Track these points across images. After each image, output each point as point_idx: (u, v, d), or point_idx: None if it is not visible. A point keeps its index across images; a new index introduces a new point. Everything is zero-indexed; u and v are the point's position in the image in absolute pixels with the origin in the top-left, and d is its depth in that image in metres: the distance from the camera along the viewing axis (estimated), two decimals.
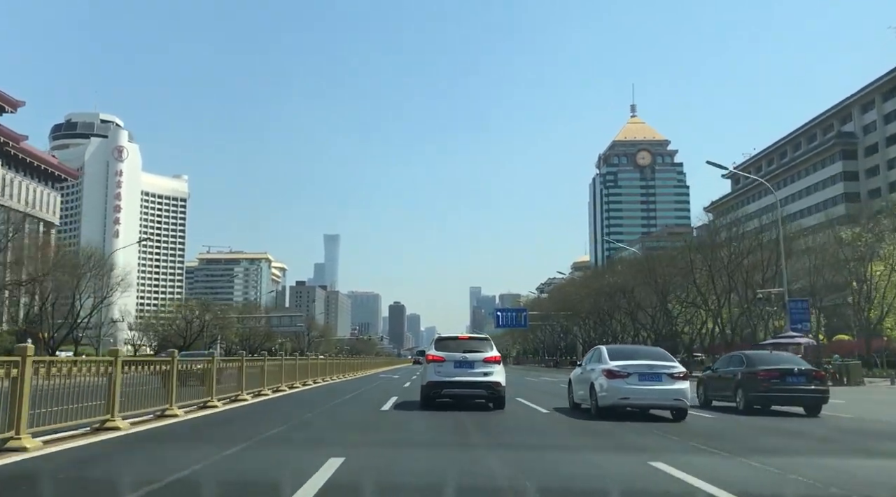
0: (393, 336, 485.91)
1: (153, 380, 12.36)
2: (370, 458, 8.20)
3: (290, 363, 25.47)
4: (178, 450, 8.81)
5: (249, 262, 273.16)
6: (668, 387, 13.44)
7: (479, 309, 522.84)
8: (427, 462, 8.12)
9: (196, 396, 14.81)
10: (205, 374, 15.38)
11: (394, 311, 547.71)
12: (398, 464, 7.96)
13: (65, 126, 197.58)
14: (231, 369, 17.76)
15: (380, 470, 7.36)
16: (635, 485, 6.63)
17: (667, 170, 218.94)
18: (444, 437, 10.49)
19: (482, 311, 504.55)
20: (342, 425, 12.53)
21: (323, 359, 34.89)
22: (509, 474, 7.04)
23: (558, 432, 11.65)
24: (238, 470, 7.18)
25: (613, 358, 14.10)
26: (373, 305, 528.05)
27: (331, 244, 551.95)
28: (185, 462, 7.25)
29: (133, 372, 11.30)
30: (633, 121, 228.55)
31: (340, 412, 15.31)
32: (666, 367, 13.77)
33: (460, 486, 6.55)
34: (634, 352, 15.20)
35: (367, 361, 61.95)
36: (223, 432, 10.91)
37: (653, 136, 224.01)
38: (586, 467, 7.69)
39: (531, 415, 14.89)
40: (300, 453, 8.74)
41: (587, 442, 10.18)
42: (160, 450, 8.84)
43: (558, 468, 7.64)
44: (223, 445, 8.69)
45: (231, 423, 12.26)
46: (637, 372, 13.54)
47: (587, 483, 6.64)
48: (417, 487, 6.51)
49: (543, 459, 8.45)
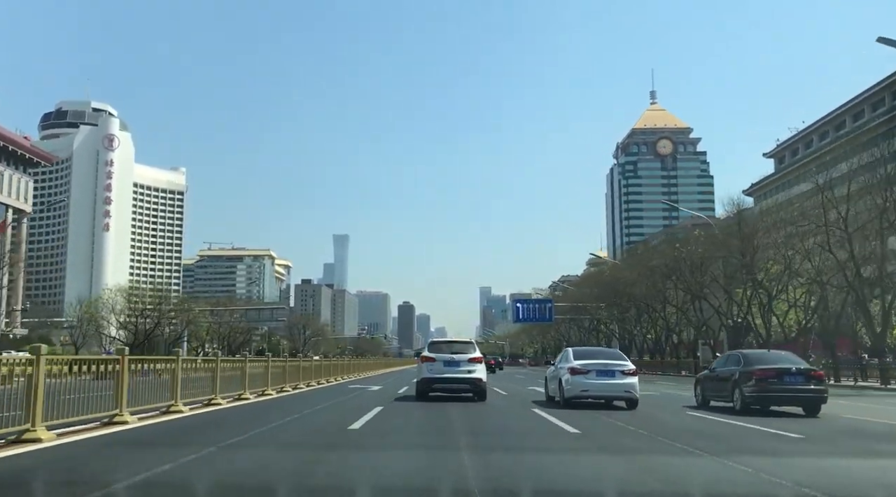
0: (402, 336, 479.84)
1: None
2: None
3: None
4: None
5: (253, 258, 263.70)
6: (620, 381, 16.63)
7: (489, 309, 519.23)
8: None
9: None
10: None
11: (403, 312, 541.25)
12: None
13: (54, 114, 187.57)
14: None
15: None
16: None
17: (689, 159, 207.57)
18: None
19: (492, 310, 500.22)
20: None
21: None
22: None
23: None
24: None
25: (577, 358, 17.20)
26: (381, 305, 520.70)
27: (340, 244, 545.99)
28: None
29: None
30: (652, 108, 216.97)
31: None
32: (619, 365, 16.97)
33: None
34: (595, 353, 18.57)
35: (361, 363, 52.72)
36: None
37: (674, 123, 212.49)
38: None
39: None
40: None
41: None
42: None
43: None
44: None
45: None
46: (595, 369, 16.67)
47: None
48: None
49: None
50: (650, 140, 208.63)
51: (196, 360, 16.95)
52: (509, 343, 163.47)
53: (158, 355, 14.88)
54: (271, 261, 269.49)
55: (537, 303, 68.52)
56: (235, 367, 18.62)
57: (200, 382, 15.68)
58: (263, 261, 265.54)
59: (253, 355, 41.10)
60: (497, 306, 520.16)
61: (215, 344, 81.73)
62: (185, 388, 14.35)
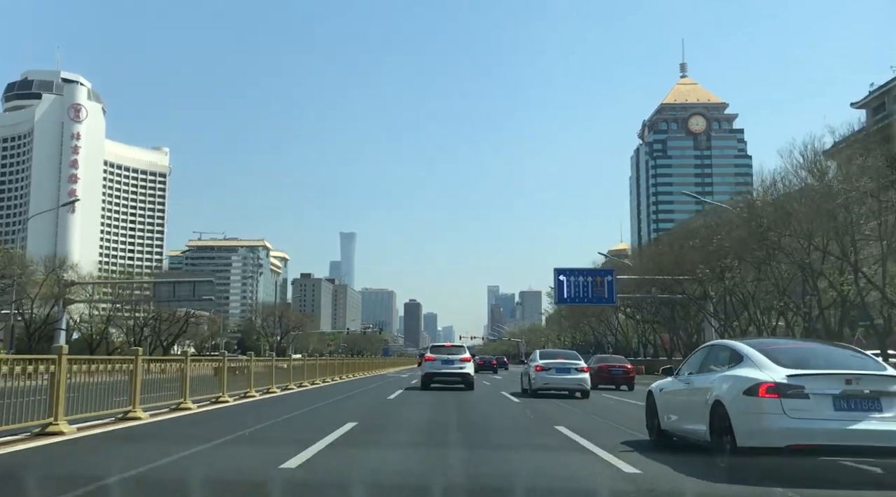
0: (408, 335, 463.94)
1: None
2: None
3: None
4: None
5: (248, 249, 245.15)
6: (574, 376, 21.26)
7: (497, 307, 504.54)
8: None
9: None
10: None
11: (409, 310, 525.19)
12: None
13: (19, 85, 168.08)
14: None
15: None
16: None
17: (725, 137, 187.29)
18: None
19: (500, 309, 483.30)
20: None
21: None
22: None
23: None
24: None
25: (542, 358, 22.41)
26: (387, 303, 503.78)
27: (347, 242, 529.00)
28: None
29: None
30: (683, 82, 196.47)
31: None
32: (574, 364, 21.67)
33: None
34: (556, 354, 23.60)
35: (337, 364, 37.48)
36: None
37: (707, 98, 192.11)
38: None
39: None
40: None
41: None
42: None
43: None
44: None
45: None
46: (555, 367, 21.51)
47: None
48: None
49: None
50: (681, 116, 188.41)
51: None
52: (525, 341, 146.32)
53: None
54: (266, 252, 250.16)
55: (591, 274, 45.72)
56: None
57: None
58: (259, 252, 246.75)
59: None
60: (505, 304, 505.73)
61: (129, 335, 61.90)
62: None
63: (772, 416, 6.99)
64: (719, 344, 9.60)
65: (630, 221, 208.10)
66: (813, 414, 6.92)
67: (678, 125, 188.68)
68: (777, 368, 7.36)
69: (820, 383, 7.05)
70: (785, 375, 7.17)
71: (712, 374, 8.49)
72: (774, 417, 6.98)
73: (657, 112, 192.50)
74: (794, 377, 7.11)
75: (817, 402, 6.96)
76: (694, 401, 8.56)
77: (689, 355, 10.16)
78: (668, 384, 9.92)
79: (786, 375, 7.17)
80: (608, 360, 30.51)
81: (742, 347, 8.36)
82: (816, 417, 6.90)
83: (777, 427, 6.93)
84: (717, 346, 9.41)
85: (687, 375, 9.35)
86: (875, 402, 6.96)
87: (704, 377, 8.67)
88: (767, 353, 7.81)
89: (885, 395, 7.00)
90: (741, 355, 8.15)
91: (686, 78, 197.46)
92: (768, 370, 7.37)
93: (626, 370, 28.66)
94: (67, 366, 9.86)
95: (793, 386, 7.05)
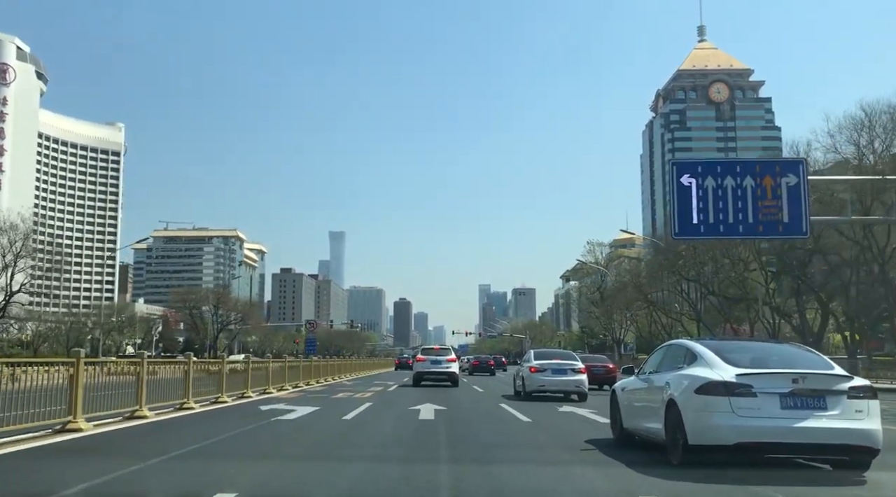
0: (398, 334, 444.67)
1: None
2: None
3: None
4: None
5: (222, 241, 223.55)
6: (572, 378, 19.66)
7: (489, 305, 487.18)
8: None
9: None
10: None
11: (399, 309, 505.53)
12: None
13: None
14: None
15: None
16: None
17: (750, 106, 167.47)
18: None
19: (492, 307, 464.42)
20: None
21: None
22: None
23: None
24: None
25: (537, 358, 20.56)
26: (375, 301, 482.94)
27: (336, 241, 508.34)
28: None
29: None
30: (701, 46, 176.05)
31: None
32: (571, 364, 20.04)
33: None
34: (552, 354, 22.27)
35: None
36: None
37: (729, 64, 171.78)
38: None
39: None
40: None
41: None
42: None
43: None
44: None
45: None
46: (551, 368, 19.82)
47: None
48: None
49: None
50: (700, 84, 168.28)
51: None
52: (529, 336, 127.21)
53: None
54: (240, 243, 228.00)
55: (749, 171, 21.17)
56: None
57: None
58: (231, 243, 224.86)
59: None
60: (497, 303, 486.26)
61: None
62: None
63: (721, 415, 7.26)
64: (676, 343, 9.81)
65: (641, 205, 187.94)
66: (760, 412, 7.21)
67: (697, 94, 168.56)
68: (728, 368, 7.64)
69: (768, 382, 7.33)
70: (734, 374, 7.44)
71: (669, 373, 8.70)
72: (723, 416, 7.25)
73: (673, 79, 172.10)
74: (743, 376, 7.37)
75: (765, 400, 7.23)
76: (651, 399, 8.87)
77: (650, 354, 10.38)
78: (629, 383, 10.22)
79: (735, 374, 7.44)
80: (589, 360, 28.39)
81: (696, 347, 8.67)
82: (764, 416, 7.19)
83: (726, 425, 7.19)
84: (675, 346, 9.59)
85: (647, 374, 9.52)
86: (820, 400, 7.22)
87: (661, 376, 8.89)
88: (720, 353, 8.08)
89: (830, 394, 7.23)
90: (695, 355, 8.41)
91: (705, 41, 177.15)
92: (719, 369, 7.65)
93: (607, 369, 28.99)
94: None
95: (741, 385, 7.32)
